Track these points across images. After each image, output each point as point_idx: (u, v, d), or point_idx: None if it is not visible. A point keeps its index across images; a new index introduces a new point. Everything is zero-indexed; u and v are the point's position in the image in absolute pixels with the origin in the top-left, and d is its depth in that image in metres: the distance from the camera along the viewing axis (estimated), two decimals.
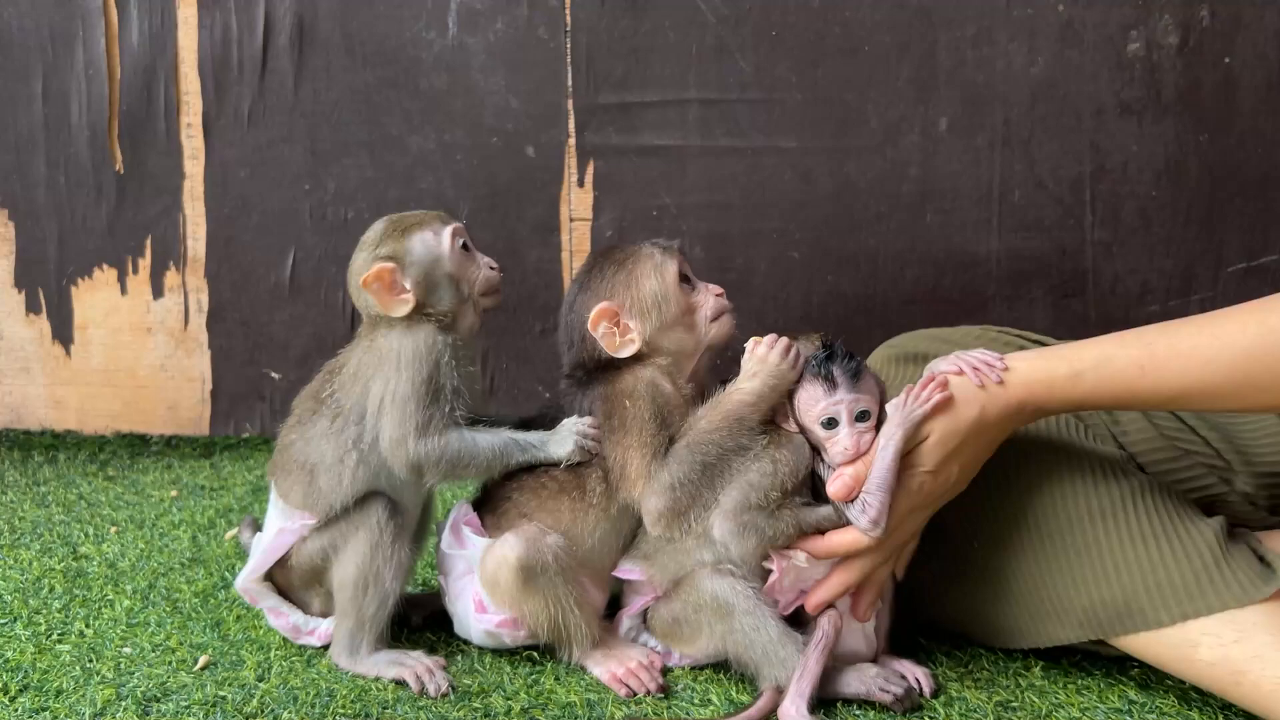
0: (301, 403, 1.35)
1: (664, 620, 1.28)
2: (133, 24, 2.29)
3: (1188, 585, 1.12)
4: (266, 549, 1.33)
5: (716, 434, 1.21)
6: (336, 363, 1.34)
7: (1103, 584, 1.15)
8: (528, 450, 1.28)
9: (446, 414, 1.26)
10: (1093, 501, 1.18)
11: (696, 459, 1.21)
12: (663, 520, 1.22)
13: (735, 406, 1.22)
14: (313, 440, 1.30)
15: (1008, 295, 2.12)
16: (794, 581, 1.23)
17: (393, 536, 1.29)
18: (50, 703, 1.22)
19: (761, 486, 1.20)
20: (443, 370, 1.27)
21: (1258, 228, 2.06)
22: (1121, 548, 1.15)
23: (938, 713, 1.19)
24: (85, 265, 2.37)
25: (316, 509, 1.30)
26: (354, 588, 1.28)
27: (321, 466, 1.29)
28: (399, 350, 1.27)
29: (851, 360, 1.21)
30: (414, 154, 2.25)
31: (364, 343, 1.32)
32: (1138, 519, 1.16)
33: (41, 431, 2.41)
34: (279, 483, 1.33)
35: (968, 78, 2.08)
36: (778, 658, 1.19)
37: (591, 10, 2.16)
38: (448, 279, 1.30)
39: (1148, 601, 1.13)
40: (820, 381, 1.20)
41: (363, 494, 1.30)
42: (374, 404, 1.27)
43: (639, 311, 1.28)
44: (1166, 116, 2.05)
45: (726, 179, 2.17)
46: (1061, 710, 1.20)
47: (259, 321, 2.31)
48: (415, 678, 1.25)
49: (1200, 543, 1.14)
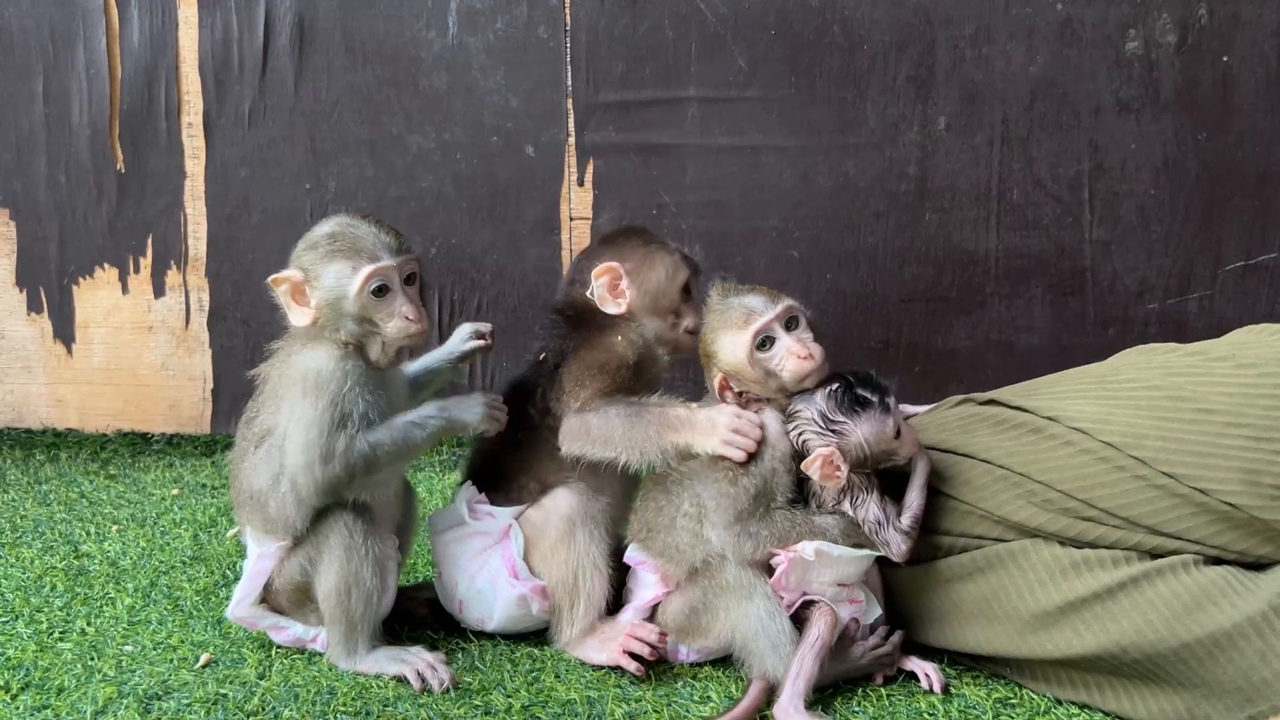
0: (240, 430, 1.36)
1: (677, 612, 1.29)
2: (133, 24, 2.29)
3: (1241, 690, 1.10)
4: (250, 575, 1.33)
5: (648, 425, 1.28)
6: (262, 378, 1.34)
7: (1159, 696, 1.15)
8: (427, 425, 1.29)
9: (351, 437, 1.25)
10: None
11: (619, 420, 1.28)
12: (569, 439, 1.31)
13: (680, 420, 1.27)
14: (251, 471, 1.31)
15: (1006, 293, 2.12)
16: (799, 579, 1.24)
17: (364, 535, 1.29)
18: (52, 700, 1.22)
19: (737, 495, 1.24)
20: (346, 397, 1.25)
21: (1256, 226, 2.06)
22: (1169, 664, 1.13)
23: (938, 709, 1.20)
24: (86, 264, 2.37)
25: (280, 532, 1.30)
26: (338, 594, 1.29)
27: (266, 494, 1.29)
28: (304, 373, 1.26)
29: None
30: (414, 153, 2.25)
31: (281, 356, 1.32)
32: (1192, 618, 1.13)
33: (43, 430, 2.41)
34: (240, 514, 1.35)
35: (966, 76, 2.08)
36: (783, 652, 1.20)
37: (591, 9, 2.16)
38: (350, 316, 1.27)
39: (1210, 708, 1.12)
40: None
41: (320, 508, 1.29)
42: (282, 429, 1.28)
43: (639, 287, 1.38)
44: (1165, 115, 2.05)
45: (726, 177, 2.17)
46: (1060, 708, 1.20)
47: (260, 320, 2.32)
48: (416, 674, 1.26)
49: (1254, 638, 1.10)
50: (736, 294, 1.30)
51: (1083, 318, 2.11)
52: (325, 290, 1.26)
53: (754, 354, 1.26)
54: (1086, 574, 1.17)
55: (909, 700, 1.22)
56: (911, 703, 1.21)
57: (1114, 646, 1.14)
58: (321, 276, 1.26)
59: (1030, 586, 1.20)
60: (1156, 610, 1.13)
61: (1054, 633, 1.18)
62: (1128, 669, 1.15)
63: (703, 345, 1.32)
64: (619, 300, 1.37)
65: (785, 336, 1.27)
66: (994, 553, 1.24)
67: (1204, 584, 1.13)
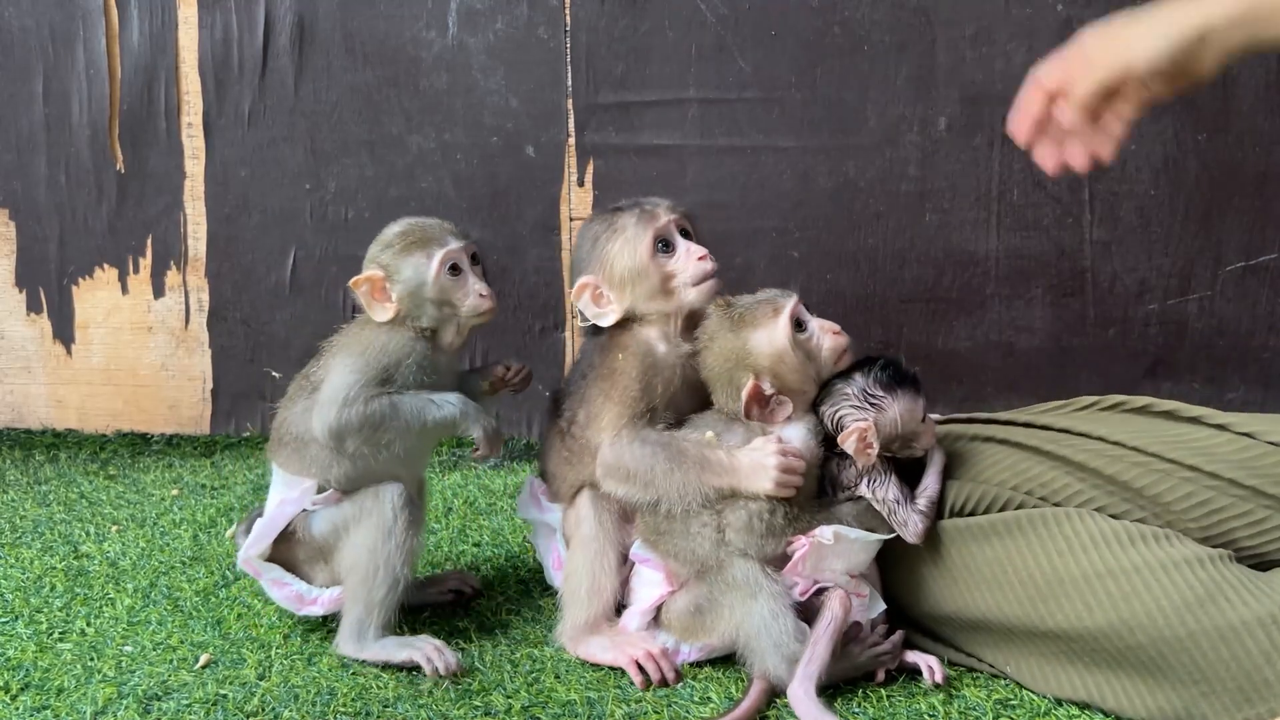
0: (295, 381, 1.43)
1: (682, 610, 1.29)
2: (133, 24, 2.29)
3: (1242, 689, 1.09)
4: (269, 520, 1.37)
5: (689, 469, 1.26)
6: (326, 343, 1.42)
7: (1156, 693, 1.14)
8: (443, 407, 1.36)
9: (380, 394, 1.33)
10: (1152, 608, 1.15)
11: (659, 461, 1.27)
12: (607, 478, 1.31)
13: (724, 466, 1.25)
14: (299, 415, 1.37)
15: (1006, 294, 2.12)
16: (815, 566, 1.25)
17: (405, 525, 1.34)
18: (52, 701, 1.22)
19: (766, 510, 1.25)
20: (401, 371, 1.35)
21: (1256, 226, 2.06)
22: (1173, 654, 1.13)
23: (938, 710, 1.20)
24: (86, 265, 2.37)
25: (314, 473, 1.36)
26: (365, 570, 1.32)
27: (309, 437, 1.35)
28: (372, 339, 1.36)
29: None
30: (414, 153, 2.25)
31: (354, 326, 1.41)
32: (1193, 615, 1.13)
33: (43, 430, 2.41)
34: (277, 456, 1.40)
35: (967, 77, 2.08)
36: (787, 651, 1.20)
37: (591, 10, 2.16)
38: (431, 301, 1.37)
39: (1208, 707, 1.11)
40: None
41: (359, 465, 1.35)
42: (324, 375, 1.35)
43: (614, 285, 1.36)
44: (1165, 115, 2.05)
45: (726, 178, 2.17)
46: (1060, 708, 1.20)
47: (260, 320, 2.32)
48: (426, 659, 1.28)
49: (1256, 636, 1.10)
50: (742, 300, 1.33)
51: (1083, 318, 2.11)
52: (405, 282, 1.36)
53: (794, 337, 1.27)
54: (1115, 548, 1.17)
55: (909, 701, 1.22)
56: (912, 703, 1.21)
57: (1122, 626, 1.14)
58: (400, 269, 1.36)
59: (1049, 555, 1.20)
60: (1170, 597, 1.12)
61: (1064, 604, 1.18)
62: (1130, 655, 1.14)
63: (723, 358, 1.30)
64: (609, 309, 1.36)
65: (813, 319, 1.30)
66: (1013, 518, 1.24)
67: (1221, 579, 1.12)
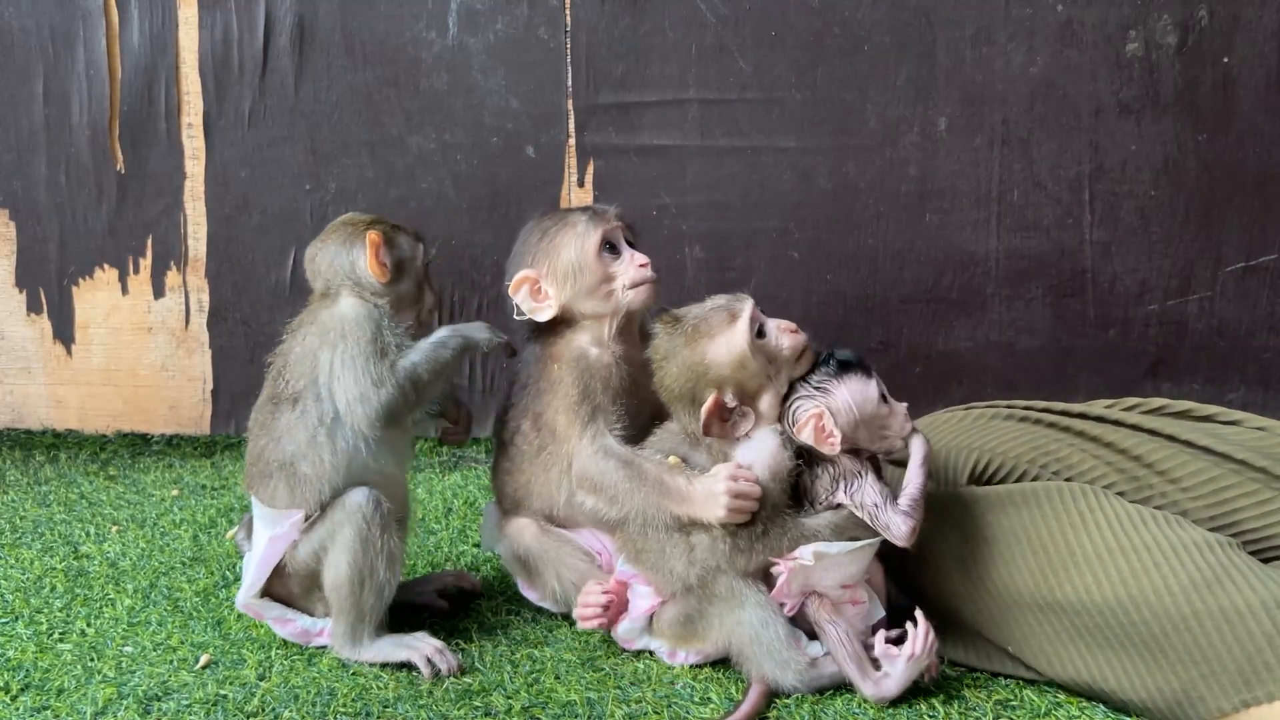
0: (259, 412, 1.36)
1: (673, 620, 1.29)
2: (133, 24, 2.29)
3: (1243, 671, 1.10)
4: (260, 561, 1.33)
5: (649, 492, 1.26)
6: (280, 360, 1.36)
7: (1156, 674, 1.15)
8: (448, 344, 1.36)
9: (393, 362, 1.31)
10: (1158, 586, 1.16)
11: (621, 479, 1.27)
12: (579, 488, 1.31)
13: (680, 494, 1.24)
14: (283, 435, 1.31)
15: (1006, 295, 2.12)
16: (801, 585, 1.24)
17: (381, 528, 1.29)
18: (52, 701, 1.22)
19: (724, 536, 1.23)
20: (384, 333, 1.33)
21: (1256, 227, 2.06)
22: (1176, 633, 1.13)
23: (938, 711, 1.20)
24: (86, 265, 2.37)
25: (306, 501, 1.31)
26: (349, 584, 1.29)
27: (299, 456, 1.30)
28: (341, 319, 1.33)
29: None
30: (414, 154, 2.25)
31: (305, 326, 1.36)
32: (1188, 598, 1.13)
33: (43, 431, 2.41)
34: (260, 492, 1.33)
35: (967, 77, 2.08)
36: (780, 658, 1.20)
37: (591, 10, 2.16)
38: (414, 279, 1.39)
39: (1206, 689, 1.11)
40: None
41: (345, 477, 1.31)
42: (325, 372, 1.31)
43: (555, 279, 1.36)
44: (1165, 116, 2.05)
45: (726, 179, 2.17)
46: (1060, 709, 1.20)
47: (260, 321, 2.32)
48: (425, 660, 1.27)
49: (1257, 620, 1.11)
50: (690, 311, 1.28)
51: (1083, 319, 2.11)
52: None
53: (754, 342, 1.23)
54: (1127, 526, 1.18)
55: (909, 701, 1.22)
56: (912, 704, 1.21)
57: (1129, 602, 1.14)
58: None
59: (1063, 528, 1.21)
60: (1177, 577, 1.13)
61: (1074, 575, 1.18)
62: (1134, 632, 1.14)
63: (681, 376, 1.26)
64: (546, 304, 1.36)
65: (769, 320, 1.26)
66: (1030, 489, 1.25)
67: (1228, 563, 1.13)
